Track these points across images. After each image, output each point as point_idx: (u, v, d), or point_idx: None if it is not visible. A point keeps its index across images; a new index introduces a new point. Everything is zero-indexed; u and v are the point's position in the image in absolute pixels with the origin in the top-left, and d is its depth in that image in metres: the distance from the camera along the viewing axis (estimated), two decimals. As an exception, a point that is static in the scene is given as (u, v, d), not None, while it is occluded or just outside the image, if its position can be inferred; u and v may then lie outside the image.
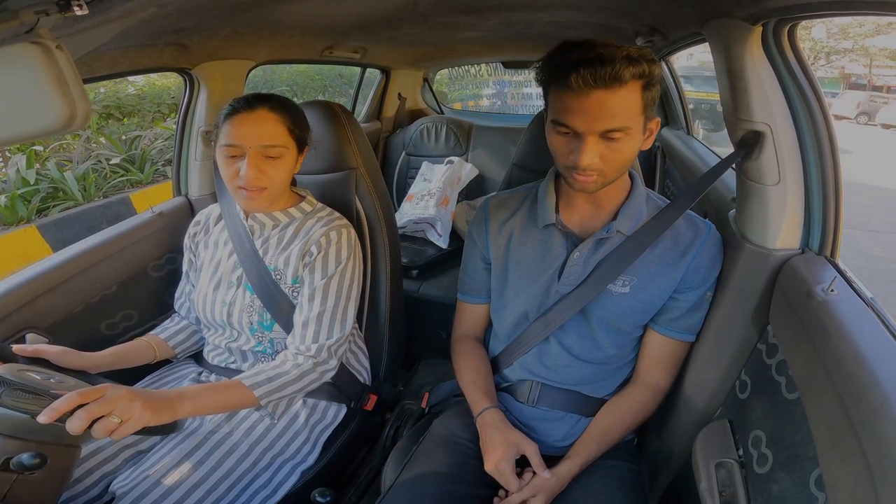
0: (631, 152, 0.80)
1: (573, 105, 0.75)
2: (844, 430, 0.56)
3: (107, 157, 4.51)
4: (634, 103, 0.75)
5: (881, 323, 0.67)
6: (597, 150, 0.77)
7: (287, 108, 1.02)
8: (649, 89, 0.76)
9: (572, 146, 0.79)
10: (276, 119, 0.98)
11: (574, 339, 0.96)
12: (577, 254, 0.92)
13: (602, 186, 0.84)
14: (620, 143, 0.77)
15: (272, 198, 1.03)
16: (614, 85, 0.72)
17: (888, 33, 17.02)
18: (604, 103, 0.73)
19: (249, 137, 0.96)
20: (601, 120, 0.74)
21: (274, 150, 0.98)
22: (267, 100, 1.00)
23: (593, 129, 0.75)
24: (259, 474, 1.00)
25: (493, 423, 0.92)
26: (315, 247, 1.05)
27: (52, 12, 0.50)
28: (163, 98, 5.92)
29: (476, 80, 4.27)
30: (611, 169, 0.80)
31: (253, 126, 0.96)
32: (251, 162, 0.96)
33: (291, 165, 1.04)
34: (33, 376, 0.79)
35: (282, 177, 1.01)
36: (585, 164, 0.78)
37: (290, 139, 1.01)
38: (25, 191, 3.74)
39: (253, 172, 0.96)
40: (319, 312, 1.03)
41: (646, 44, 1.46)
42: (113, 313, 1.25)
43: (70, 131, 0.53)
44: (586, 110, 0.74)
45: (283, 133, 0.99)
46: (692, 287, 0.90)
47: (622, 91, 0.73)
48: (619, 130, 0.75)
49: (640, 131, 0.79)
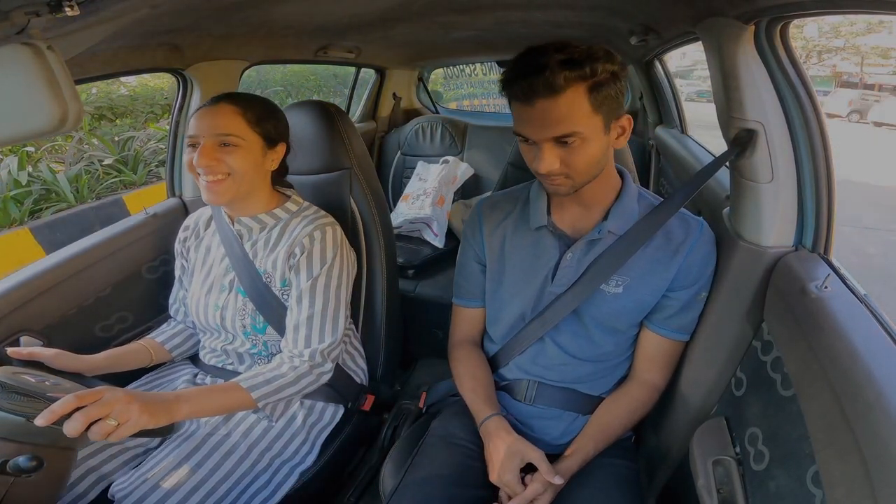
0: (594, 154, 0.79)
1: (523, 116, 0.77)
2: (840, 426, 0.56)
3: (99, 159, 4.48)
4: (580, 107, 0.74)
5: (875, 319, 0.68)
6: (555, 156, 0.78)
7: (252, 103, 1.01)
8: (598, 90, 0.74)
9: (534, 153, 0.81)
10: (233, 111, 0.98)
11: (569, 339, 0.96)
12: (570, 255, 0.92)
13: (576, 189, 0.84)
14: (577, 147, 0.77)
15: (238, 189, 1.00)
16: (551, 93, 0.73)
17: (879, 32, 17.16)
18: (547, 112, 0.74)
19: (205, 127, 0.96)
20: (548, 128, 0.75)
21: (228, 139, 0.96)
22: (232, 96, 1.01)
23: (543, 136, 0.76)
24: (258, 476, 1.00)
25: (497, 431, 0.91)
26: (298, 248, 1.03)
27: (43, 13, 0.50)
28: (156, 99, 5.89)
29: (471, 79, 4.27)
30: (576, 172, 0.80)
31: (210, 118, 0.97)
32: (203, 149, 0.95)
33: (255, 158, 1.00)
34: (28, 379, 0.79)
35: (242, 166, 0.98)
36: (545, 171, 0.79)
37: (250, 130, 0.99)
38: (17, 192, 3.71)
39: (205, 160, 0.95)
40: (309, 315, 1.02)
41: (639, 42, 1.46)
42: (107, 315, 1.25)
43: (62, 132, 0.53)
44: (534, 120, 0.76)
45: (239, 123, 0.98)
46: (685, 286, 0.91)
47: (563, 97, 0.73)
48: (570, 136, 0.75)
49: (599, 132, 0.78)
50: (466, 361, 1.06)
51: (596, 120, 0.77)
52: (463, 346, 1.09)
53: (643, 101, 2.49)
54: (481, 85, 4.41)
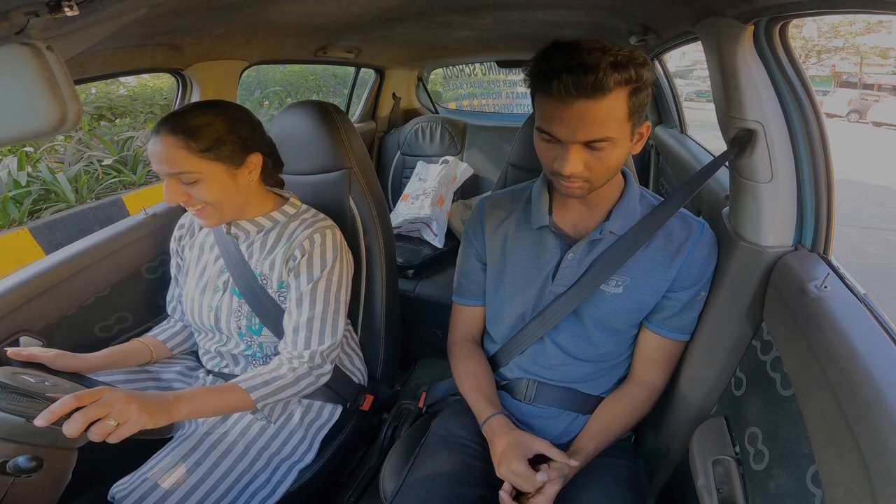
0: (617, 160, 0.77)
1: (555, 114, 0.73)
2: (840, 425, 0.56)
3: (99, 159, 4.47)
4: (620, 111, 0.72)
5: (874, 319, 0.68)
6: (580, 159, 0.75)
7: (198, 128, 0.91)
8: (637, 95, 0.73)
9: (556, 153, 0.77)
10: (174, 144, 0.89)
11: (568, 339, 0.96)
12: (571, 255, 0.92)
13: (589, 192, 0.83)
14: (605, 152, 0.75)
15: (223, 214, 0.98)
16: (598, 94, 0.69)
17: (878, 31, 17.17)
18: (586, 112, 0.71)
19: (158, 163, 0.91)
20: (584, 130, 0.72)
21: (184, 177, 0.91)
22: (175, 124, 0.90)
23: (576, 138, 0.73)
24: (257, 474, 1.00)
25: (501, 428, 0.91)
26: (298, 250, 1.02)
27: (42, 13, 0.49)
28: (155, 99, 5.88)
29: (471, 79, 4.27)
30: (597, 176, 0.79)
31: (157, 153, 0.90)
32: (167, 188, 0.92)
33: (222, 182, 0.95)
34: (28, 379, 0.79)
35: (212, 196, 0.94)
36: (569, 173, 0.76)
37: (202, 161, 0.91)
38: (17, 193, 3.70)
39: (172, 197, 0.92)
40: (309, 318, 1.01)
41: (639, 42, 1.46)
42: (107, 315, 1.25)
43: (61, 132, 0.52)
44: (568, 120, 0.72)
45: (186, 157, 0.90)
46: (685, 286, 0.91)
47: (606, 100, 0.70)
48: (604, 140, 0.73)
49: (627, 138, 0.76)
50: (467, 360, 1.05)
51: (627, 126, 0.75)
52: (463, 345, 1.09)
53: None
54: (481, 85, 4.42)
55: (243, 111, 1.01)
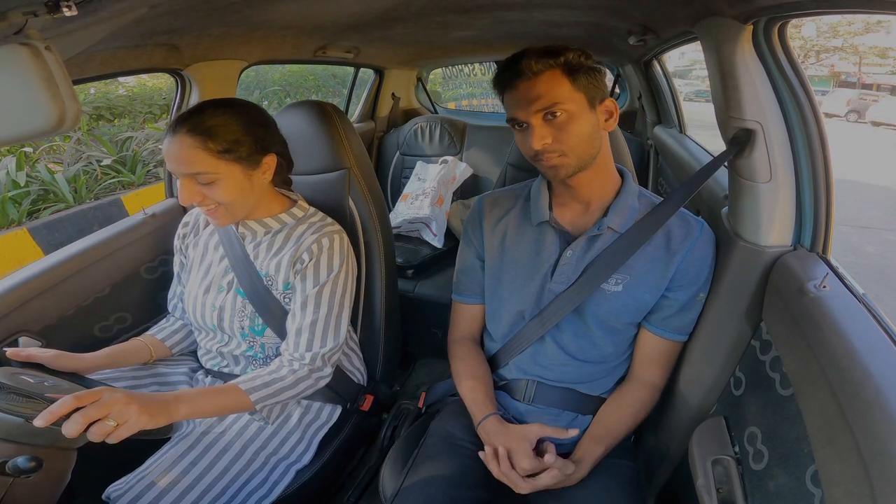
0: (583, 130, 0.84)
1: (510, 102, 0.86)
2: (839, 425, 0.57)
3: (98, 159, 4.47)
4: (559, 85, 0.82)
5: (873, 318, 0.68)
6: (545, 131, 0.83)
7: (216, 128, 0.91)
8: (575, 76, 0.82)
9: (527, 137, 0.86)
10: (193, 145, 0.89)
11: (570, 338, 0.96)
12: (570, 252, 0.93)
13: (574, 170, 0.87)
14: (566, 122, 0.83)
15: (235, 214, 0.99)
16: (530, 75, 0.82)
17: (877, 31, 17.20)
18: (529, 90, 0.83)
19: (174, 164, 0.91)
20: (532, 103, 0.83)
21: (201, 177, 0.92)
22: (192, 123, 0.90)
23: (530, 111, 0.83)
24: (254, 474, 1.00)
25: (495, 428, 0.92)
26: (307, 254, 1.03)
27: (40, 13, 0.49)
28: (154, 99, 5.88)
29: (470, 79, 4.28)
30: (569, 147, 0.84)
31: (174, 153, 0.90)
32: (182, 188, 0.92)
33: (238, 183, 0.95)
34: (27, 380, 0.78)
35: (226, 197, 0.94)
36: (539, 147, 0.84)
37: (220, 162, 0.91)
38: (16, 193, 3.70)
39: (186, 197, 0.92)
40: (313, 321, 1.02)
41: (638, 42, 1.46)
42: (106, 316, 1.25)
43: (60, 133, 0.52)
44: (519, 100, 0.84)
45: (204, 158, 0.90)
46: (683, 286, 0.91)
47: (541, 78, 0.82)
48: (554, 106, 0.82)
49: (584, 108, 0.84)
50: (466, 359, 1.06)
51: (578, 97, 0.83)
52: (463, 344, 1.09)
53: (642, 100, 2.49)
54: (480, 85, 4.42)
55: (258, 110, 1.01)
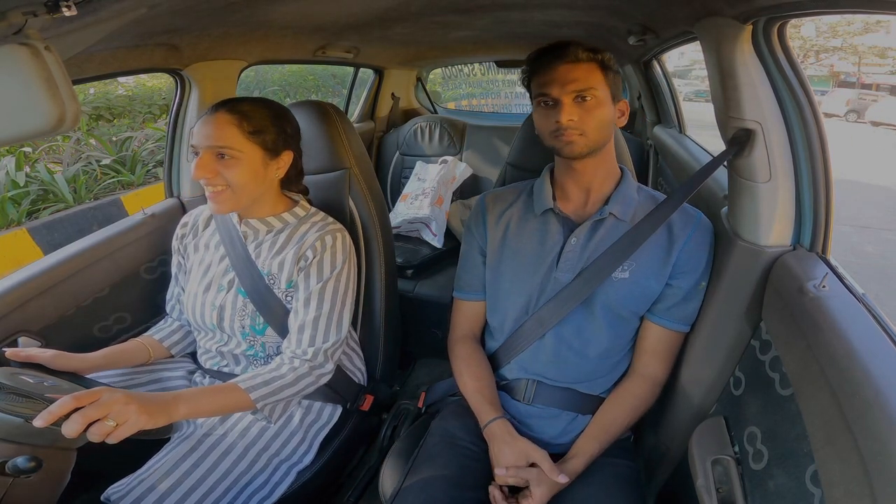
0: (604, 117, 0.91)
1: (547, 79, 0.91)
2: (839, 425, 0.57)
3: (97, 159, 4.47)
4: (595, 75, 0.90)
5: (872, 318, 0.68)
6: (574, 110, 0.90)
7: (253, 111, 0.98)
8: (607, 72, 0.91)
9: (553, 116, 0.92)
10: (228, 121, 0.96)
11: (573, 331, 0.97)
12: (574, 239, 0.96)
13: (587, 150, 0.92)
14: (593, 106, 0.90)
15: (238, 201, 1.00)
16: (574, 60, 0.90)
17: (877, 31, 17.21)
18: (569, 72, 0.90)
19: (202, 137, 0.95)
20: (570, 84, 0.89)
21: (225, 151, 0.95)
22: (232, 104, 0.98)
23: (565, 91, 0.90)
24: (256, 476, 1.00)
25: (502, 435, 0.92)
26: (310, 251, 1.04)
27: (40, 13, 0.49)
28: (153, 99, 5.88)
29: (469, 79, 4.27)
30: (590, 128, 0.90)
31: (207, 128, 0.95)
32: (200, 162, 0.95)
33: (254, 169, 0.99)
34: (27, 380, 0.78)
35: (240, 179, 0.97)
36: (566, 121, 0.89)
37: (247, 142, 0.97)
38: (15, 193, 3.70)
39: (201, 172, 0.95)
40: (315, 317, 1.02)
41: (638, 42, 1.46)
42: (105, 316, 1.24)
43: (60, 133, 0.52)
44: (557, 79, 0.90)
45: (235, 135, 0.95)
46: (685, 272, 0.93)
47: (582, 65, 0.90)
48: (587, 90, 0.89)
49: (609, 100, 0.92)
50: (469, 359, 1.06)
51: (606, 89, 0.92)
52: (464, 343, 1.09)
53: (641, 100, 2.49)
54: (480, 85, 4.42)
55: (288, 111, 1.08)
